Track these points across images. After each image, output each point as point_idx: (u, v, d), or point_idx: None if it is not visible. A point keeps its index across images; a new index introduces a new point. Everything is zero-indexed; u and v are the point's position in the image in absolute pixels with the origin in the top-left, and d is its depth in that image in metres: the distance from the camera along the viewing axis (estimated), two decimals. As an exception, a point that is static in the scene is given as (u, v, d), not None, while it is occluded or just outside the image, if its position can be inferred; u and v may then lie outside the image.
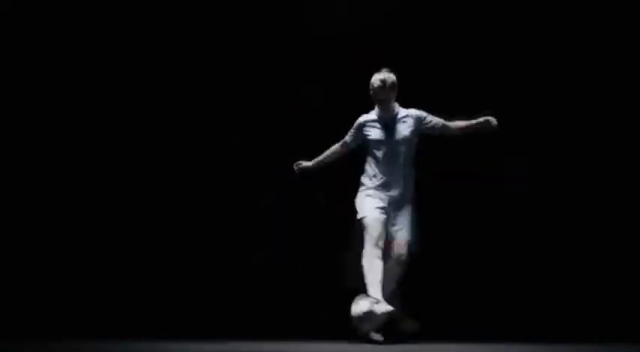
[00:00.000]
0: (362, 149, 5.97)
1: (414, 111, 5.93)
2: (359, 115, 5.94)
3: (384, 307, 5.42)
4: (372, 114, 5.95)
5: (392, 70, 5.84)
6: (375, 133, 5.89)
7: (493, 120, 5.87)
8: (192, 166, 7.12)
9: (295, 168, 6.12)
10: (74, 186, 7.04)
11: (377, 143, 5.87)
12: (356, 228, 5.78)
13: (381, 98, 5.83)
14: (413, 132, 5.88)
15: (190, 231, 7.07)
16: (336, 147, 6.07)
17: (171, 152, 7.14)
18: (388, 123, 5.88)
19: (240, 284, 6.99)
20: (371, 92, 5.84)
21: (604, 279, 6.67)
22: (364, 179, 5.91)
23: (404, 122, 5.88)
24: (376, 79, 5.82)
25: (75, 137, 7.08)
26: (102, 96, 7.13)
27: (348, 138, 6.03)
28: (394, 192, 5.83)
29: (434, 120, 5.94)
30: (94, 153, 7.09)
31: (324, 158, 6.09)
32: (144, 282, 6.93)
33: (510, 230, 6.81)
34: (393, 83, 5.82)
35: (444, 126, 5.95)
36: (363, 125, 5.94)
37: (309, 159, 6.09)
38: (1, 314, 6.54)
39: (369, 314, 5.41)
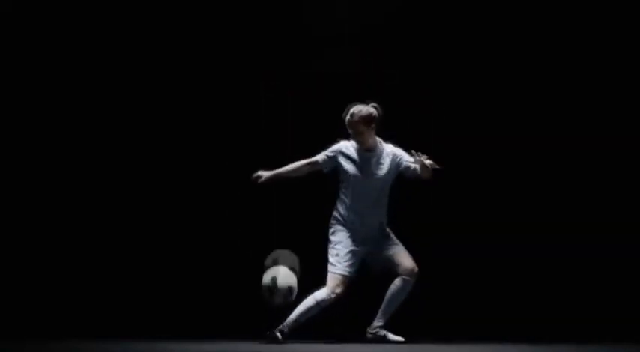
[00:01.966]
0: (335, 173, 5.77)
1: (393, 150, 5.70)
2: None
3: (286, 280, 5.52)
4: (352, 145, 5.71)
5: (375, 106, 5.62)
6: (351, 168, 5.68)
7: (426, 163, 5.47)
8: (192, 167, 7.11)
9: (256, 178, 5.72)
10: (74, 187, 7.04)
11: (354, 178, 5.66)
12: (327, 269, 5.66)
13: (356, 130, 5.61)
14: (390, 172, 5.69)
15: (190, 231, 7.06)
16: (302, 163, 5.76)
17: (172, 152, 7.13)
18: (367, 159, 5.68)
19: (240, 285, 6.98)
20: (347, 122, 5.63)
21: (604, 279, 6.66)
22: (339, 208, 5.72)
23: (381, 163, 5.68)
24: (352, 110, 5.61)
25: (74, 137, 7.08)
26: (101, 97, 7.13)
27: (320, 158, 5.75)
28: (370, 224, 5.68)
29: (408, 162, 5.65)
30: (95, 154, 7.08)
31: (287, 172, 5.76)
32: (144, 282, 6.93)
33: (510, 229, 6.81)
34: (369, 116, 5.58)
35: (415, 169, 5.62)
36: (340, 153, 5.71)
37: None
38: (1, 314, 6.54)
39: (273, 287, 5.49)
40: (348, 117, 5.64)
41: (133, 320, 6.66)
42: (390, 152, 5.72)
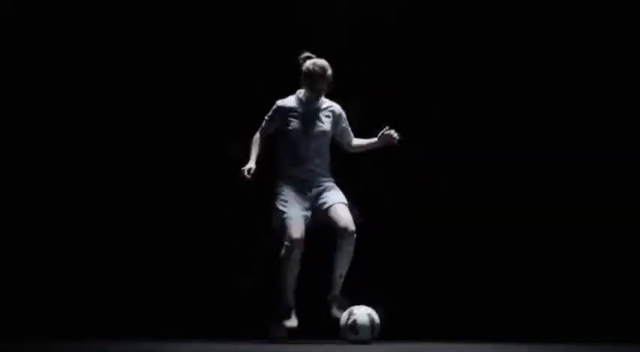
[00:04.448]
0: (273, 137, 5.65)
1: (337, 107, 5.63)
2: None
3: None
4: (292, 101, 5.59)
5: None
6: (294, 124, 5.53)
7: (393, 133, 5.54)
8: (192, 167, 7.13)
9: (247, 175, 5.49)
10: (74, 187, 7.05)
11: (295, 134, 5.52)
12: (276, 238, 5.51)
13: (319, 88, 5.52)
14: (332, 127, 5.60)
15: (190, 231, 7.07)
16: (258, 137, 5.64)
17: (172, 152, 7.14)
18: (309, 114, 5.56)
19: (240, 285, 6.99)
20: (307, 79, 5.51)
21: (604, 279, 6.67)
22: (280, 176, 5.58)
23: (327, 116, 5.59)
24: (317, 65, 5.51)
25: (74, 138, 7.09)
26: (101, 97, 7.14)
27: (266, 125, 5.61)
28: (313, 186, 5.52)
29: (347, 129, 5.67)
30: (97, 154, 7.09)
31: (259, 151, 5.61)
32: (144, 282, 6.94)
33: (509, 228, 6.81)
34: (331, 75, 5.53)
35: (349, 143, 5.68)
36: (283, 111, 5.56)
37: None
38: (1, 314, 6.54)
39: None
40: (316, 69, 5.50)
41: (134, 320, 6.67)
42: (334, 107, 5.63)
